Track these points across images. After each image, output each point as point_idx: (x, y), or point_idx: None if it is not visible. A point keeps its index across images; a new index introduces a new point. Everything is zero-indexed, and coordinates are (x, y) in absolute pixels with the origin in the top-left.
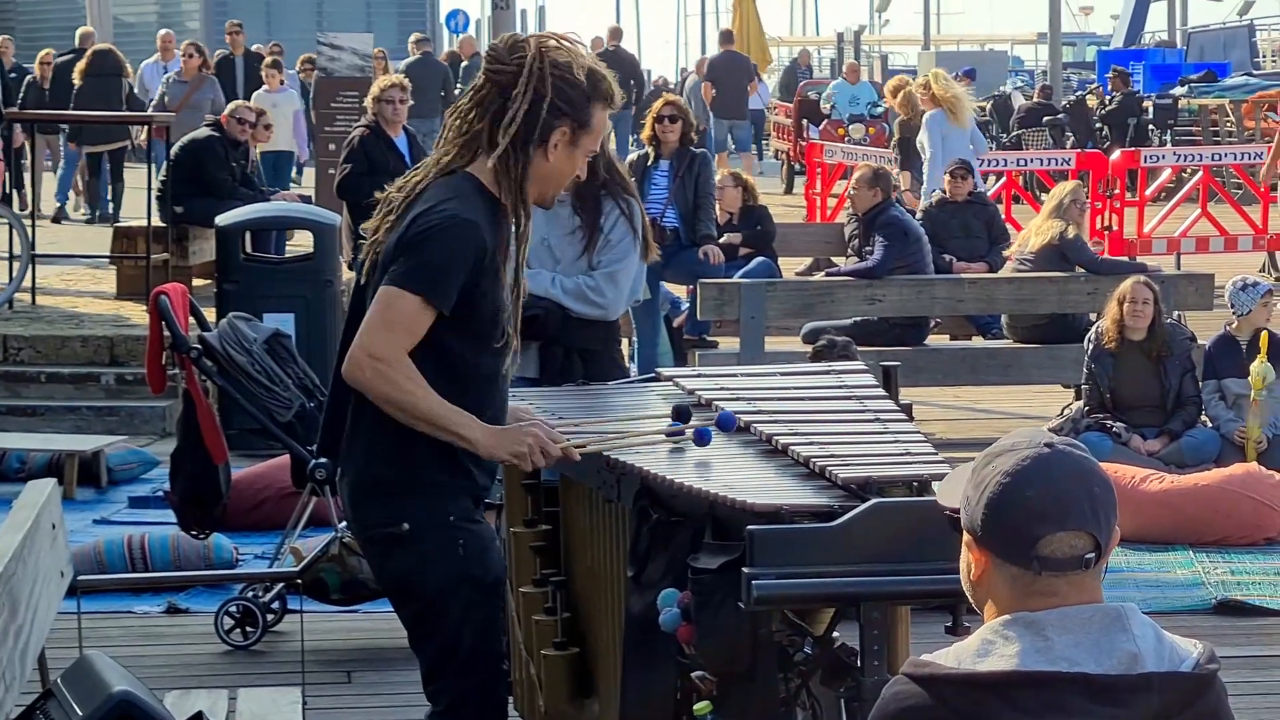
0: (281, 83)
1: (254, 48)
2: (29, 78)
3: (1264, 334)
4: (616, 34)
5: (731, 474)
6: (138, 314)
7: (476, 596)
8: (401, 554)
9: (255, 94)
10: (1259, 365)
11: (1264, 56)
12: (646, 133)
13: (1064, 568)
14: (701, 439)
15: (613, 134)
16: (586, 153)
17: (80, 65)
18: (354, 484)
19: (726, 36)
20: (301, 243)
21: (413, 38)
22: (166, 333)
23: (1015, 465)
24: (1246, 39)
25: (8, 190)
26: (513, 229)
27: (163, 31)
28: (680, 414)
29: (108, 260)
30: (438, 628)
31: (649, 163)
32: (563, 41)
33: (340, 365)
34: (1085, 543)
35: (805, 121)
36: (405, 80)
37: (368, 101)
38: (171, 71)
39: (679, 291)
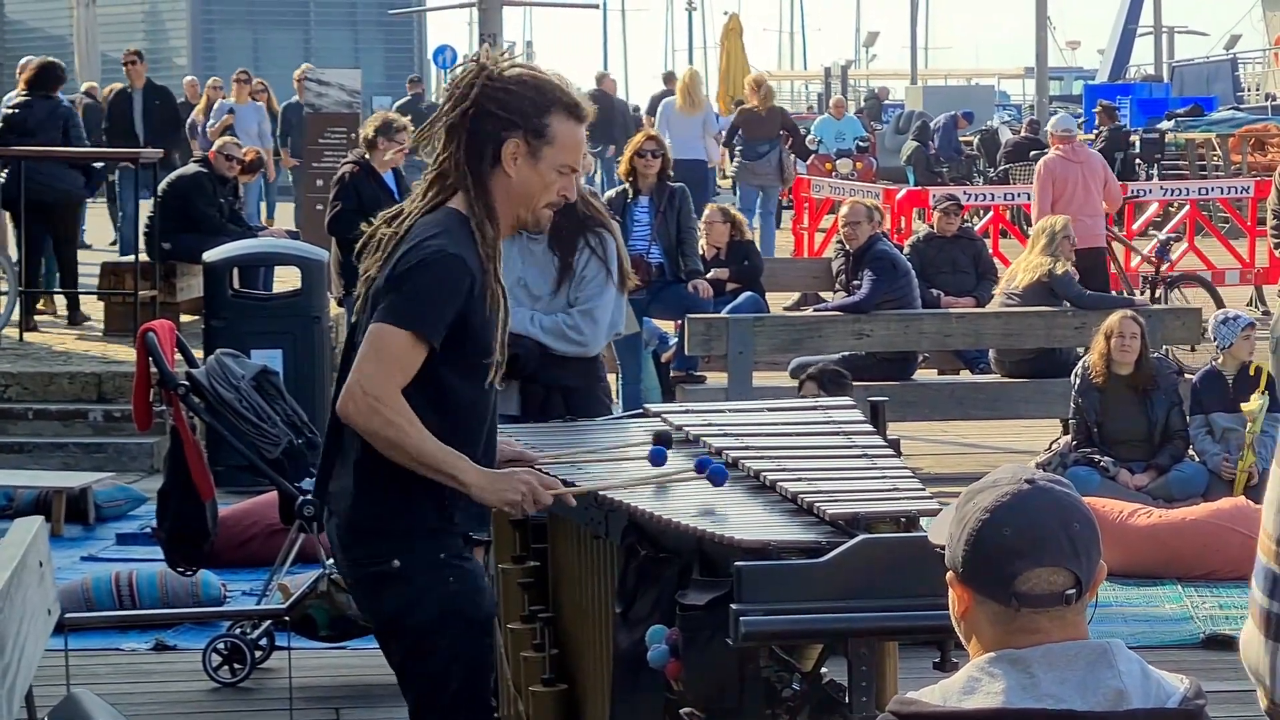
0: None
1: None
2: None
3: (1253, 365)
4: (599, 79)
5: (719, 510)
6: (125, 351)
7: (467, 634)
8: (392, 592)
9: None
10: (1257, 397)
11: (1247, 90)
12: (624, 168)
13: (1043, 604)
14: (716, 478)
15: (599, 171)
16: (558, 166)
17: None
18: (343, 523)
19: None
20: (289, 279)
21: (409, 79)
22: (154, 370)
23: (994, 502)
24: (1230, 73)
25: None
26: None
27: (25, 59)
28: (662, 440)
29: (95, 296)
30: (427, 666)
31: (629, 199)
32: (507, 57)
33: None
34: (1064, 579)
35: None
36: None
37: (361, 139)
38: None
39: (666, 327)
